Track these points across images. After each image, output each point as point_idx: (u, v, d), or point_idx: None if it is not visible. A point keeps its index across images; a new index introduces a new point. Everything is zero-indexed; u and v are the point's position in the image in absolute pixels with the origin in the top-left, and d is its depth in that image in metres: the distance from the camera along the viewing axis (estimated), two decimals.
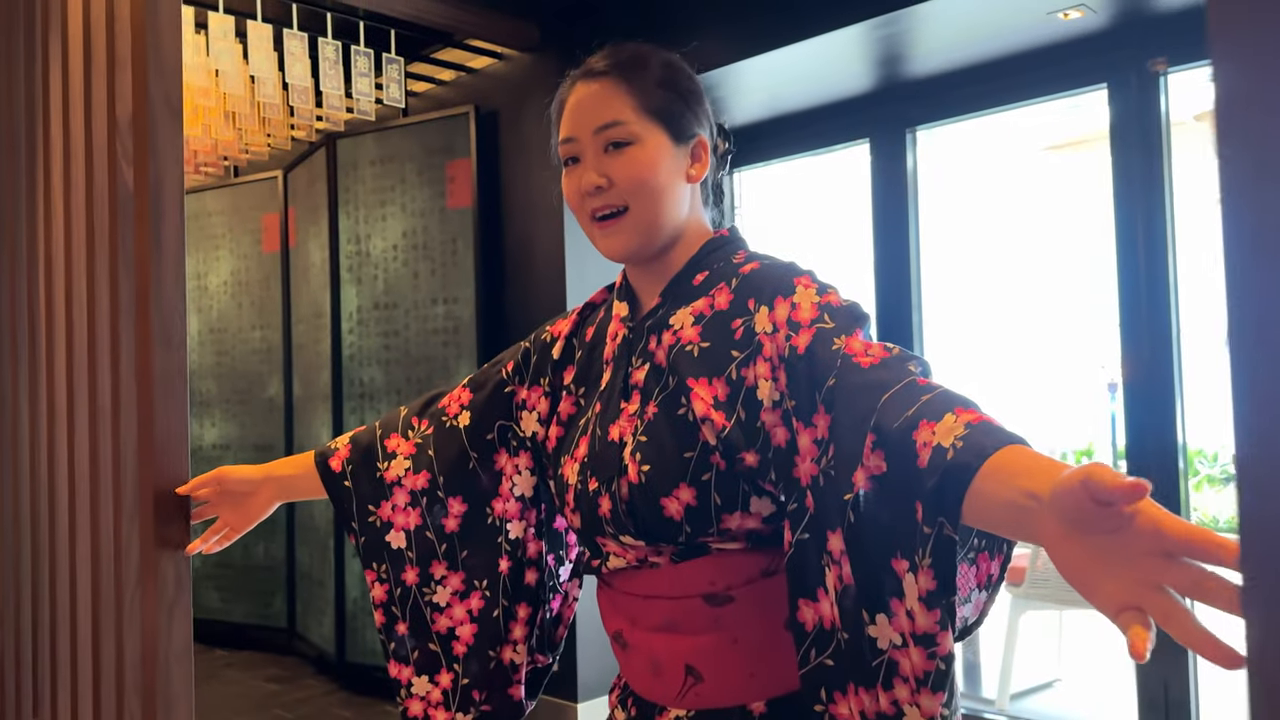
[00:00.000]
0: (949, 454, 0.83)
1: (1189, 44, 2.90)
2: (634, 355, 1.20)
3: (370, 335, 4.20)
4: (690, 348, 1.13)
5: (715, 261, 1.19)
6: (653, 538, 1.13)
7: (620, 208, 1.16)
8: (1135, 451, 2.99)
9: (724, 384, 1.09)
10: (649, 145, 1.16)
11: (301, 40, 3.45)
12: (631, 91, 1.17)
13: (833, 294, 1.08)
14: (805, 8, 3.09)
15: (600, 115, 1.17)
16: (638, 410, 1.15)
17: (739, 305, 1.13)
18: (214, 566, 5.11)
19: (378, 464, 1.35)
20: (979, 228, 9.64)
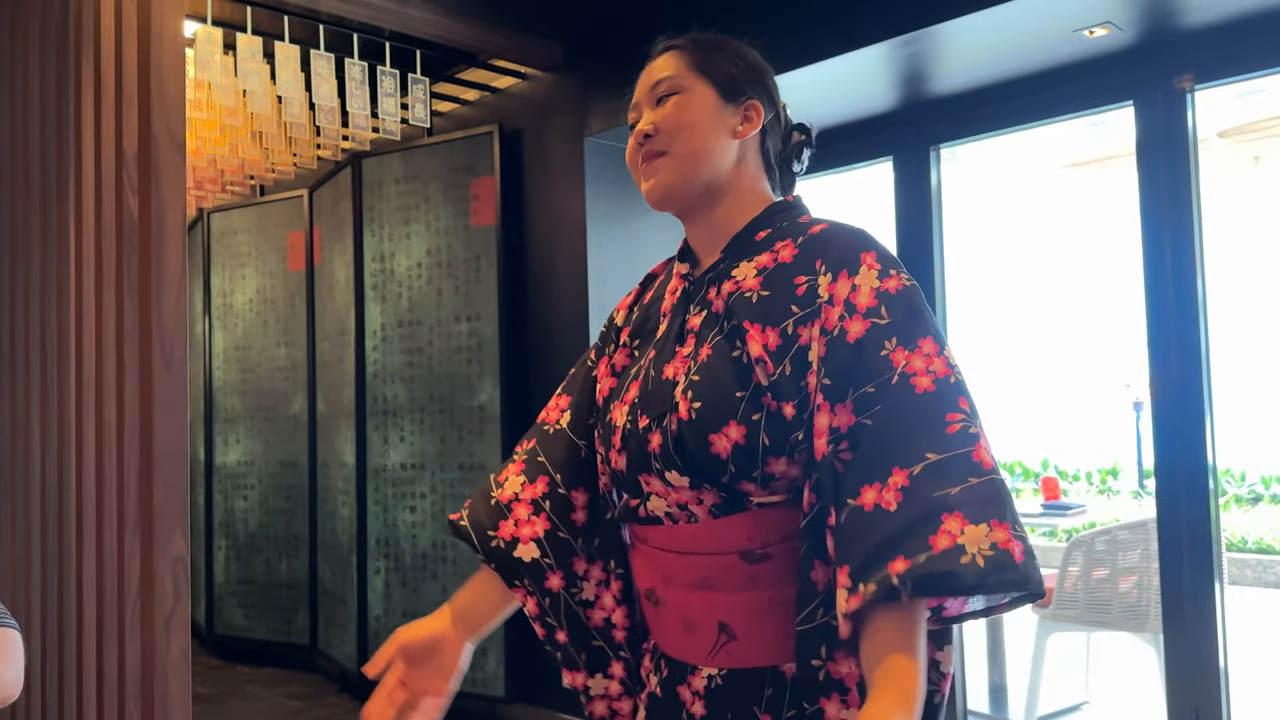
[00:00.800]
0: (968, 559, 0.93)
1: (1216, 61, 2.89)
2: (692, 304, 1.23)
3: (394, 352, 4.22)
4: (750, 294, 1.15)
5: (779, 221, 1.23)
6: (699, 476, 1.13)
7: (661, 151, 1.23)
8: (1164, 471, 2.96)
9: (778, 335, 1.11)
10: (692, 95, 1.24)
11: (328, 61, 3.49)
12: (686, 54, 1.28)
13: (893, 279, 1.10)
14: (828, 27, 3.10)
15: (656, 75, 1.28)
16: (691, 352, 1.17)
17: (804, 262, 1.15)
18: (237, 584, 5.14)
19: (491, 494, 1.33)
20: (1001, 245, 9.60)
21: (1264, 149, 9.04)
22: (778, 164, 1.31)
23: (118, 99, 1.83)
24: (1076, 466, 8.57)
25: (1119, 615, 3.57)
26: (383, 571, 4.24)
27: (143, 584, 1.74)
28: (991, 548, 0.93)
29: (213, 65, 3.29)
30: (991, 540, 0.93)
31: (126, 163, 1.82)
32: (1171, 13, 2.77)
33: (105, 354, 1.79)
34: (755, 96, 1.27)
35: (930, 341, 1.06)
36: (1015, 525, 0.96)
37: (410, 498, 4.16)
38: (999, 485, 0.98)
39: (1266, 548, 6.71)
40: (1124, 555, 3.60)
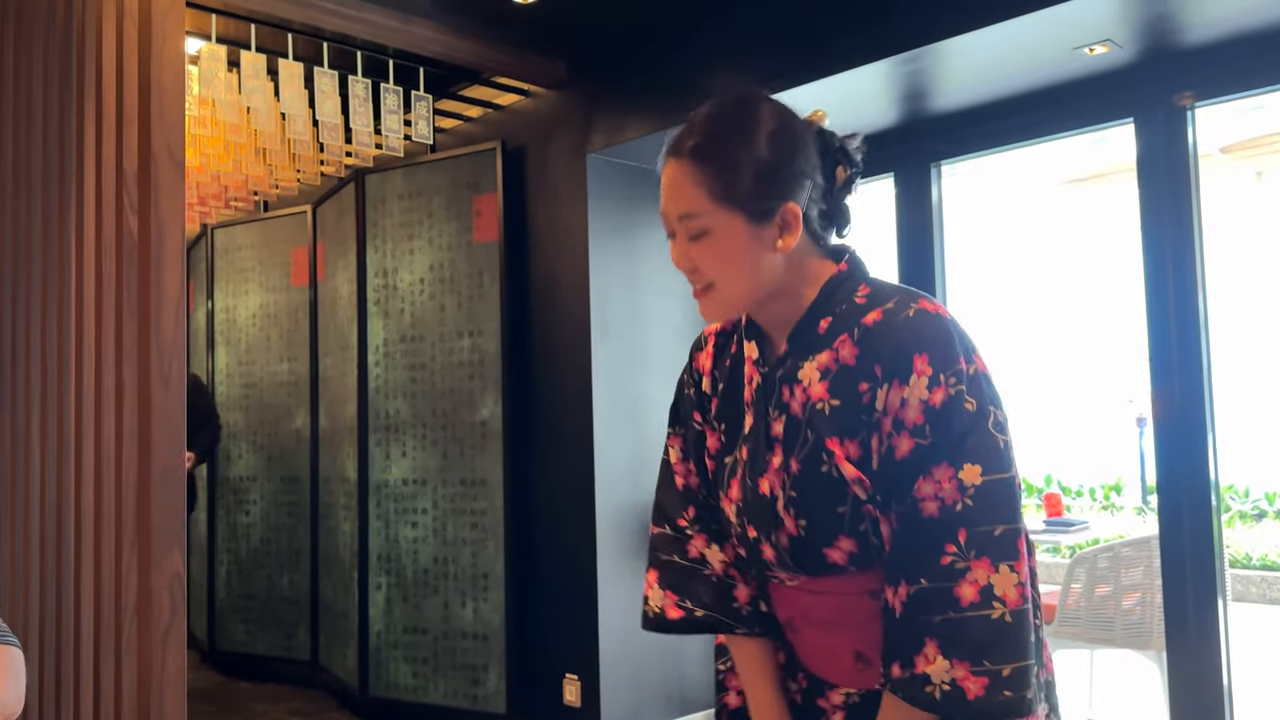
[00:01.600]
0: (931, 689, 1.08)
1: (1216, 78, 2.90)
2: (770, 405, 1.23)
3: (396, 368, 4.23)
4: (822, 405, 1.17)
5: (838, 304, 1.21)
6: (818, 574, 1.21)
7: (709, 283, 1.20)
8: (1167, 487, 2.96)
9: (857, 445, 1.15)
10: (724, 235, 1.17)
11: (332, 78, 3.51)
12: (705, 178, 1.17)
13: (940, 388, 1.11)
14: (830, 44, 3.11)
15: (679, 204, 1.20)
16: (782, 464, 1.20)
17: (865, 366, 1.15)
18: (239, 599, 5.13)
19: (705, 571, 1.33)
20: (1002, 261, 9.61)
21: (1267, 164, 9.06)
22: (826, 222, 1.25)
23: (118, 119, 1.84)
24: (1079, 482, 8.56)
25: (1122, 632, 3.56)
26: (384, 587, 4.23)
27: (140, 600, 1.74)
28: (950, 684, 1.07)
29: (217, 82, 3.31)
30: (951, 676, 1.07)
31: (127, 182, 1.83)
32: (1171, 30, 2.78)
33: (104, 371, 1.80)
34: (788, 197, 1.18)
35: (944, 466, 1.10)
36: (980, 663, 1.06)
37: (412, 513, 4.16)
38: (974, 622, 1.07)
39: (1271, 564, 6.68)
40: (1127, 572, 3.59)
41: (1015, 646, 1.06)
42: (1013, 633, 1.06)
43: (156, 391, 1.69)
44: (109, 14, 1.87)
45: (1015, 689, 1.06)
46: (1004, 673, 1.06)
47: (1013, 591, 1.07)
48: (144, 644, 1.70)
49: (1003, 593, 1.07)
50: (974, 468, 1.09)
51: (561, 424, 3.84)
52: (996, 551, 1.07)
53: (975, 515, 1.08)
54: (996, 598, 1.07)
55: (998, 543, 1.08)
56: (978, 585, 1.07)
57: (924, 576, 1.09)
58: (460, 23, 3.53)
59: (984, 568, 1.07)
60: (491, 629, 3.91)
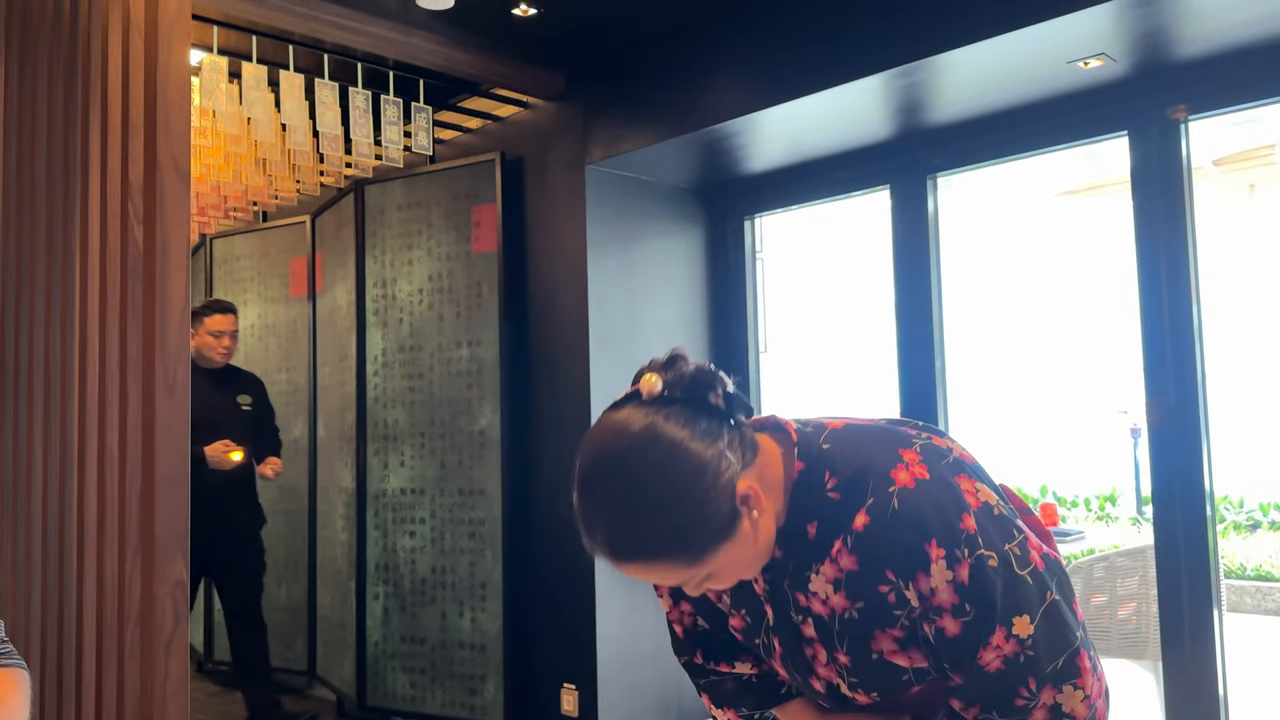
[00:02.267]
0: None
1: (1209, 92, 2.93)
2: (790, 610, 1.23)
3: (395, 377, 4.24)
4: (848, 613, 1.18)
5: (815, 504, 1.17)
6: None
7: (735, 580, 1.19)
8: (1162, 498, 2.98)
9: (898, 629, 1.16)
10: (725, 565, 1.13)
11: (332, 89, 3.53)
12: (672, 559, 1.09)
13: (961, 564, 1.11)
14: (826, 58, 3.14)
15: (666, 582, 1.19)
16: (828, 659, 1.22)
17: (874, 572, 1.14)
18: None
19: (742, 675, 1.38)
20: (996, 272, 9.65)
21: (1259, 176, 9.11)
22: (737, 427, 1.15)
23: (124, 129, 1.86)
24: (1074, 492, 8.58)
25: (1118, 642, 3.57)
26: (382, 597, 4.23)
27: (143, 608, 1.75)
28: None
29: (218, 93, 3.33)
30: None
31: (132, 192, 1.85)
32: (1165, 44, 2.81)
33: (109, 379, 1.81)
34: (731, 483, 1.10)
35: (999, 632, 1.12)
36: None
37: (410, 523, 4.16)
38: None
39: (1265, 574, 6.70)
40: (1123, 582, 3.60)
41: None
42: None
43: (161, 400, 1.70)
44: (115, 25, 1.88)
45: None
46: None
47: (1079, 705, 1.13)
48: (146, 652, 1.71)
49: (1071, 709, 1.13)
50: (1023, 619, 1.12)
51: (559, 434, 3.85)
52: (1061, 678, 1.13)
53: (1038, 662, 1.13)
54: (1065, 714, 1.13)
55: (1062, 669, 1.13)
56: (1046, 708, 1.13)
57: (998, 711, 1.14)
58: (460, 35, 3.56)
59: (1049, 693, 1.13)
60: (489, 639, 3.91)
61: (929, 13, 2.90)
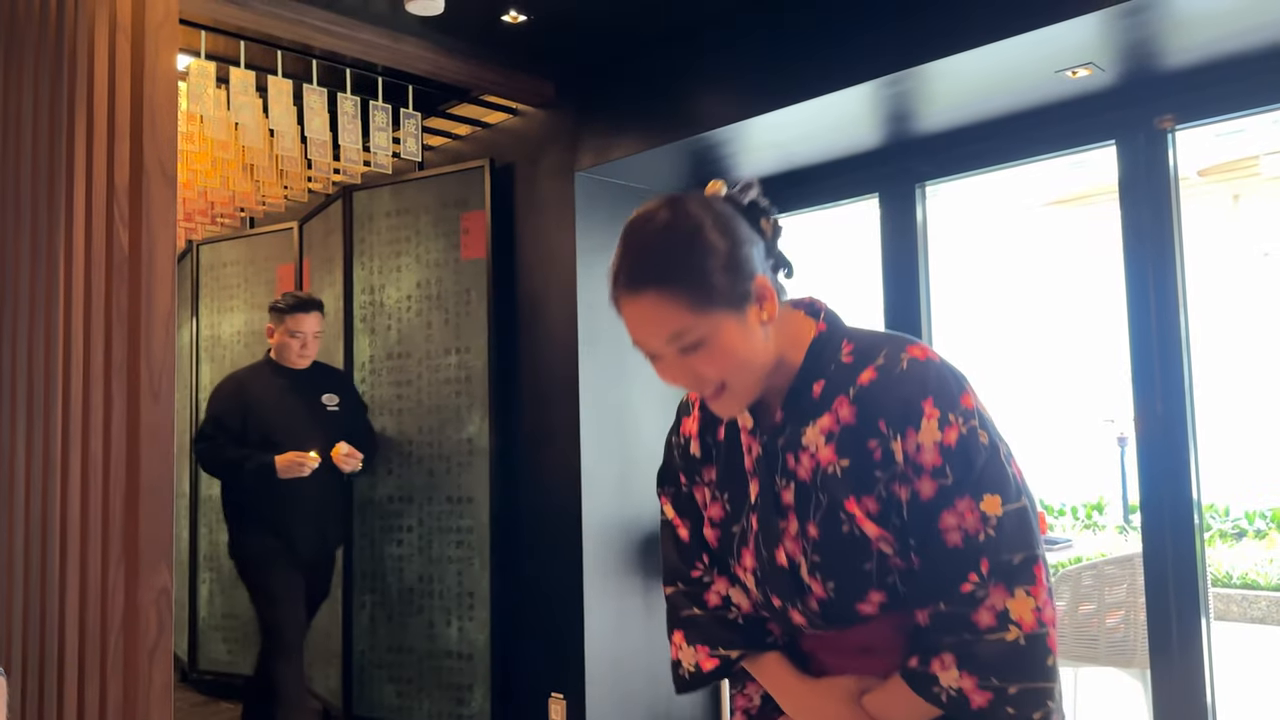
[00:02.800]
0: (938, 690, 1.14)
1: (1196, 102, 2.95)
2: (776, 474, 1.24)
3: (383, 384, 4.22)
4: (832, 468, 1.19)
5: (827, 365, 1.22)
6: (850, 624, 1.24)
7: (719, 384, 1.20)
8: (1150, 506, 2.98)
9: (874, 500, 1.17)
10: (720, 337, 1.16)
11: (321, 95, 3.52)
12: (678, 295, 1.15)
13: (952, 427, 1.15)
14: (815, 66, 3.15)
15: (662, 328, 1.17)
16: (798, 531, 1.22)
17: (868, 424, 1.17)
18: (221, 618, 5.08)
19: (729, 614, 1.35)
20: (984, 281, 9.69)
21: (1243, 188, 9.18)
22: (775, 272, 1.26)
23: (110, 133, 1.84)
24: (1062, 501, 8.60)
25: (1106, 650, 3.58)
26: (368, 605, 4.20)
27: (126, 617, 1.73)
28: (957, 692, 1.13)
29: (205, 98, 3.31)
30: (959, 686, 1.12)
31: (118, 196, 1.84)
32: (1153, 54, 2.83)
33: (93, 385, 1.79)
34: (752, 273, 1.19)
35: (967, 500, 1.13)
36: (987, 679, 1.11)
37: (397, 530, 4.14)
38: (987, 644, 1.11)
39: (1250, 583, 6.73)
40: (1111, 590, 3.61)
41: (1025, 667, 1.11)
42: (1024, 654, 1.11)
43: (146, 406, 1.68)
44: (101, 28, 1.87)
45: (1019, 708, 1.11)
46: (1009, 690, 1.11)
47: (1029, 615, 1.11)
48: (130, 661, 1.69)
49: (1019, 616, 1.11)
50: (994, 498, 1.13)
51: (548, 441, 3.84)
52: (1014, 578, 1.12)
53: (997, 545, 1.12)
54: (1012, 621, 1.11)
55: (1016, 570, 1.12)
56: (995, 610, 1.12)
57: (944, 601, 1.13)
58: (450, 42, 3.55)
59: (1001, 594, 1.12)
60: (476, 648, 3.89)
61: (918, 21, 2.91)
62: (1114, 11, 2.55)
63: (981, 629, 1.11)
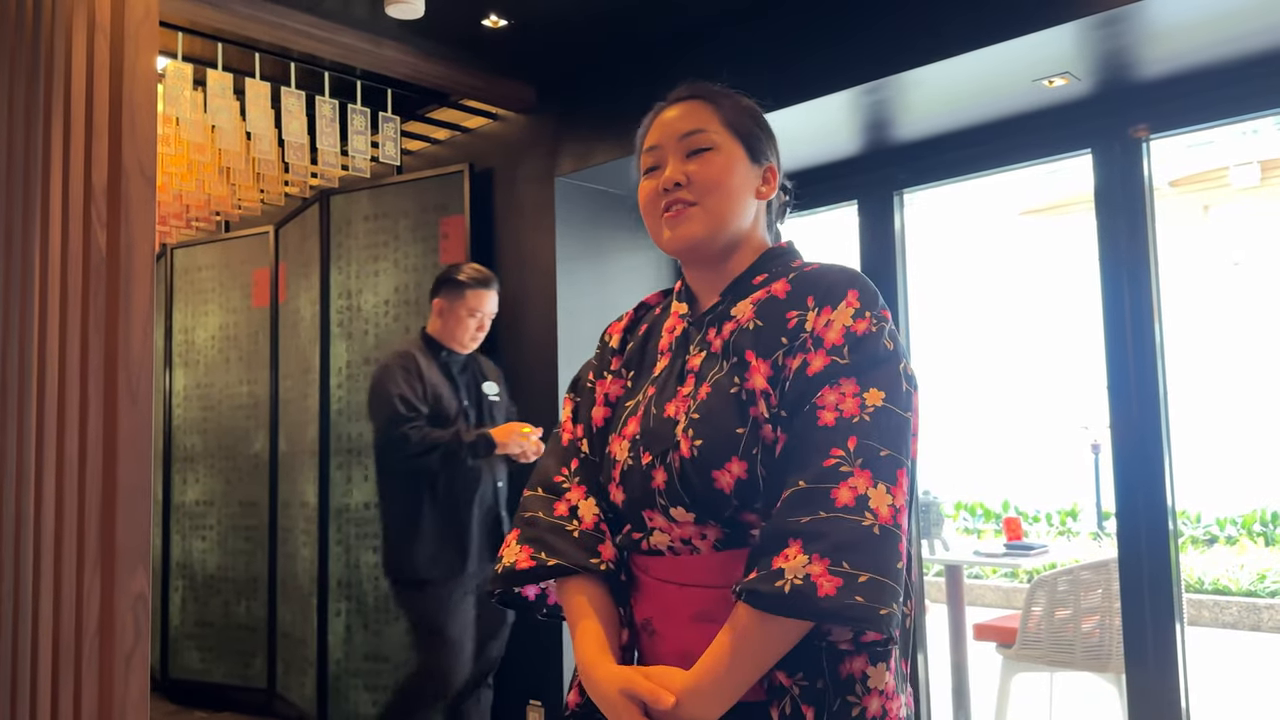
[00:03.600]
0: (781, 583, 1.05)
1: (1170, 112, 2.98)
2: (692, 345, 1.28)
3: (360, 390, 4.19)
4: (749, 326, 1.22)
5: (774, 266, 1.30)
6: (703, 511, 1.18)
7: (691, 202, 1.27)
8: (1125, 513, 3.01)
9: (769, 366, 1.18)
10: (727, 153, 1.29)
11: (299, 98, 3.50)
12: (716, 109, 1.33)
13: (865, 320, 1.17)
14: (794, 74, 3.16)
15: (686, 124, 1.31)
16: (691, 391, 1.23)
17: (797, 297, 1.22)
18: (194, 625, 5.02)
19: (568, 526, 1.29)
20: (961, 289, 9.76)
21: (1213, 198, 9.31)
22: (776, 215, 1.40)
23: (88, 133, 1.82)
24: (1036, 507, 8.67)
25: (1082, 655, 3.60)
26: (344, 613, 4.17)
27: (102, 622, 1.71)
28: (804, 579, 1.04)
29: (182, 101, 3.28)
30: (806, 571, 1.04)
31: (95, 196, 1.81)
32: (1127, 65, 2.86)
33: (69, 388, 1.77)
34: (773, 159, 1.36)
35: (853, 382, 1.13)
36: (839, 563, 1.04)
37: (374, 538, 4.11)
38: (842, 524, 1.06)
39: (1222, 589, 6.81)
40: (1086, 595, 3.64)
41: (877, 557, 1.05)
42: (878, 544, 1.06)
43: (124, 409, 1.66)
44: (79, 27, 1.85)
45: (868, 597, 1.03)
46: (860, 578, 1.04)
47: (885, 509, 1.08)
48: (105, 668, 1.67)
49: (876, 505, 1.07)
50: (879, 392, 1.13)
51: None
52: (879, 469, 1.09)
53: (869, 430, 1.11)
54: (869, 508, 1.07)
55: (883, 462, 1.10)
56: (855, 492, 1.08)
57: (804, 479, 1.09)
58: (429, 46, 3.54)
59: (865, 478, 1.08)
60: None
61: (897, 30, 2.93)
62: (1090, 22, 2.58)
63: (838, 506, 1.06)
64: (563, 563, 1.25)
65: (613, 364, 1.38)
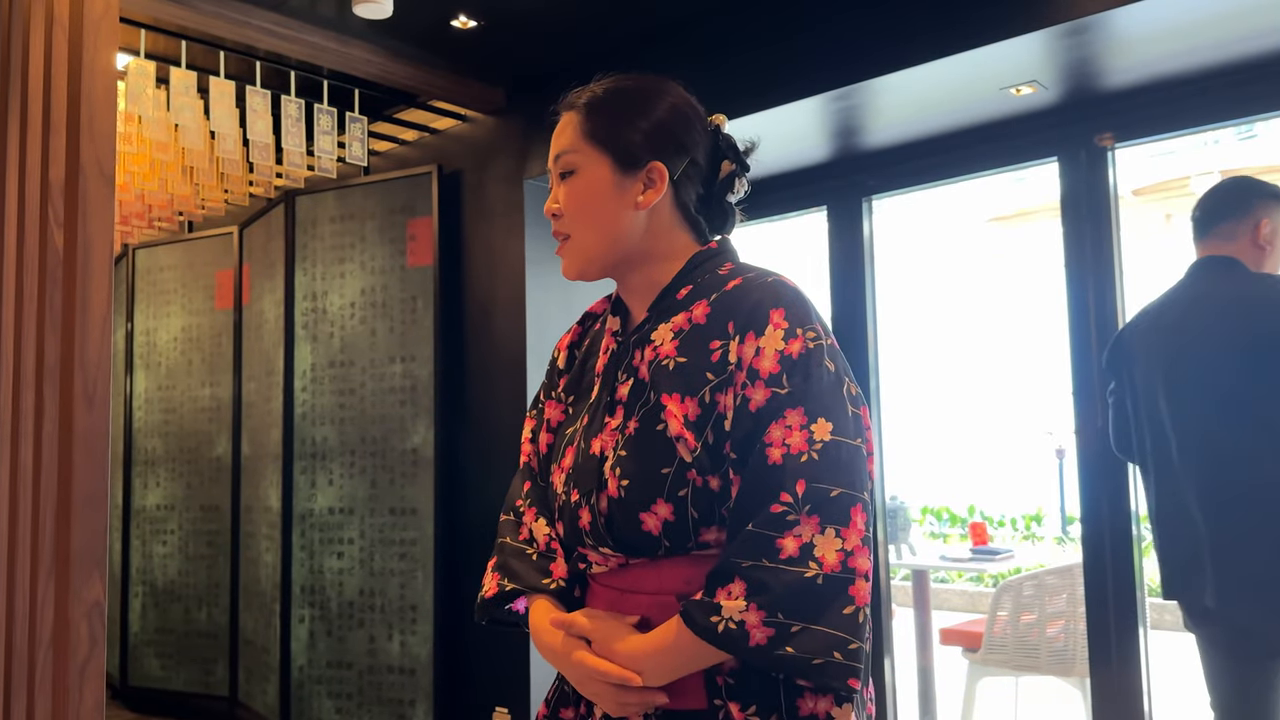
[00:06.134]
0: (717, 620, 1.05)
1: (1135, 121, 3.02)
2: (620, 370, 1.22)
3: (324, 393, 4.14)
4: (668, 362, 1.16)
5: (701, 275, 1.22)
6: (630, 551, 1.16)
7: (566, 234, 1.24)
8: (1089, 518, 3.03)
9: (696, 404, 1.12)
10: (588, 175, 1.22)
11: (264, 97, 3.45)
12: (578, 119, 1.24)
13: (797, 339, 1.11)
14: (764, 80, 3.16)
15: (557, 144, 1.26)
16: (619, 424, 1.18)
17: (717, 324, 1.15)
18: (154, 633, 4.94)
19: (528, 550, 1.30)
20: (927, 295, 9.84)
21: (1175, 207, 9.44)
22: (703, 208, 1.28)
23: (45, 129, 1.78)
24: (1002, 512, 8.74)
25: (1047, 659, 3.63)
26: (307, 620, 4.11)
27: (56, 631, 1.67)
28: (738, 625, 1.04)
29: (144, 99, 3.22)
30: (741, 619, 1.04)
31: (52, 195, 1.77)
32: (1094, 73, 2.89)
33: (23, 390, 1.72)
34: (658, 157, 1.22)
35: (799, 413, 1.08)
36: (774, 614, 1.03)
37: (338, 543, 4.06)
38: (783, 575, 1.04)
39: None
40: (1051, 600, 3.67)
41: (815, 609, 1.03)
42: (819, 594, 1.03)
43: (80, 413, 1.62)
44: (37, 22, 1.81)
45: (799, 648, 1.02)
46: (793, 628, 1.03)
47: (832, 556, 1.04)
48: (59, 678, 1.62)
49: (821, 554, 1.04)
50: (826, 424, 1.08)
51: (495, 452, 3.79)
52: (828, 513, 1.05)
53: (817, 471, 1.06)
54: (814, 557, 1.04)
55: (832, 504, 1.05)
56: (800, 540, 1.04)
57: (753, 522, 1.06)
58: (398, 46, 3.51)
59: (811, 525, 1.05)
60: (419, 662, 3.83)
61: (866, 37, 2.94)
62: (1057, 31, 2.60)
63: (781, 557, 1.04)
64: (518, 586, 1.27)
65: (559, 385, 1.33)
